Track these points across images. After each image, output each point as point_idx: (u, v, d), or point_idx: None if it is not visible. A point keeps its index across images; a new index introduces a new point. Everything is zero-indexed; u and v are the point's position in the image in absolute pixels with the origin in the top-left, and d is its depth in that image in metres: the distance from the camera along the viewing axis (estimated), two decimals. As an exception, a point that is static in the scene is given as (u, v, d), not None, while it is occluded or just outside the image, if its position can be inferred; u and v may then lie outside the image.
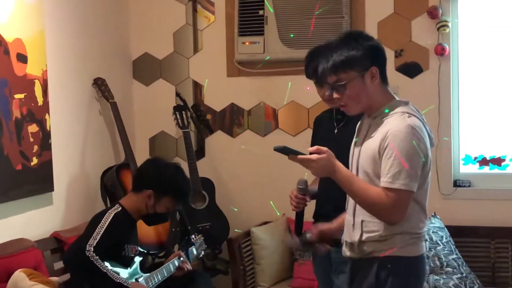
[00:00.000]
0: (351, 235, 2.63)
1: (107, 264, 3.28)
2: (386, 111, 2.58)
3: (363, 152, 2.61)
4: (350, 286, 2.69)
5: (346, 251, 2.67)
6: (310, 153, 2.53)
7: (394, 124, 2.52)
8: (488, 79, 4.56)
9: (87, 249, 3.22)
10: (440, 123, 4.48)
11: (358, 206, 2.60)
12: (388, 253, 2.53)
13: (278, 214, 4.56)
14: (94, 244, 3.25)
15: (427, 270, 2.66)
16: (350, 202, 2.65)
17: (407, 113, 2.55)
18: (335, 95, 2.61)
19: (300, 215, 2.94)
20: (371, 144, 2.56)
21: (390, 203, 2.47)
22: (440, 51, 4.44)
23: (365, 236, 2.57)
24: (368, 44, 2.59)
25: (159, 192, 3.52)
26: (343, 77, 2.56)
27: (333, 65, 2.57)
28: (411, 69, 4.58)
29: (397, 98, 2.64)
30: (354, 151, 2.68)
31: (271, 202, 4.51)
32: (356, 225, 2.61)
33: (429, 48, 4.51)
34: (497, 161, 4.54)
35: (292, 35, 4.68)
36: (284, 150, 2.52)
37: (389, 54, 4.56)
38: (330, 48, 2.61)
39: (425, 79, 4.55)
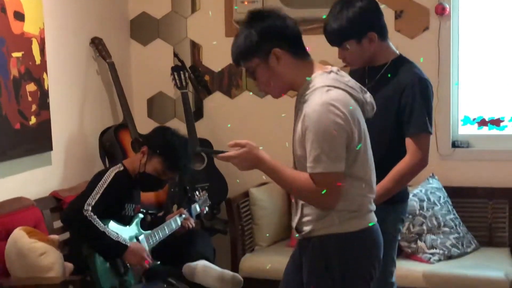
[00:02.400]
0: (293, 218, 2.59)
1: (106, 223, 3.28)
2: (307, 89, 2.46)
3: (295, 135, 2.53)
4: (300, 268, 2.61)
5: (295, 234, 2.63)
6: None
7: (310, 104, 2.41)
8: (488, 39, 4.53)
9: (85, 208, 3.22)
10: (439, 83, 4.46)
11: None
12: (326, 231, 2.48)
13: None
14: (93, 203, 3.25)
15: (377, 241, 2.54)
16: None
17: (327, 86, 2.42)
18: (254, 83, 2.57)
19: None
20: (297, 126, 2.48)
21: (317, 189, 2.40)
22: (441, 10, 4.41)
23: (304, 218, 2.53)
24: (263, 27, 2.46)
25: (152, 149, 3.50)
26: (248, 66, 2.50)
27: (235, 59, 2.52)
28: (411, 29, 4.55)
29: (325, 68, 2.51)
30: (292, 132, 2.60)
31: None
32: (297, 207, 2.56)
33: (430, 8, 4.48)
34: (496, 122, 4.54)
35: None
36: (205, 151, 2.52)
37: (389, 15, 4.55)
38: (235, 36, 2.53)
39: (425, 39, 4.52)
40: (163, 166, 3.48)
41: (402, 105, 2.98)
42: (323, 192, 2.40)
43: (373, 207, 2.56)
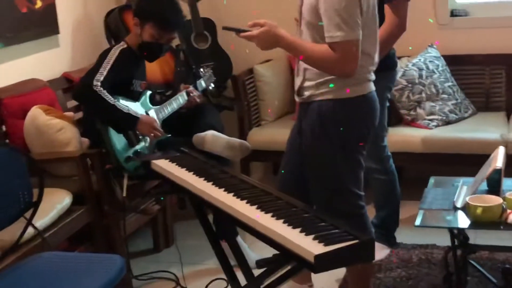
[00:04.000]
0: (296, 81, 2.74)
1: (116, 99, 3.41)
2: None
3: (304, 4, 2.62)
4: (299, 131, 2.78)
5: (295, 97, 2.77)
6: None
7: None
8: None
9: (94, 83, 3.31)
10: (438, -47, 4.50)
11: None
12: (325, 96, 2.62)
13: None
14: (101, 79, 3.34)
15: (373, 107, 2.69)
16: None
17: None
18: None
19: None
20: None
21: (338, 57, 2.51)
22: None
23: (305, 82, 2.67)
24: None
25: (142, 18, 3.53)
26: None
27: None
28: None
29: None
30: (300, 3, 2.68)
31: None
32: (300, 72, 2.70)
33: None
34: (495, -11, 4.61)
35: None
36: (229, 29, 2.64)
37: None
38: None
39: None
40: (156, 28, 3.52)
41: None
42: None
43: (373, 77, 2.69)
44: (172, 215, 4.03)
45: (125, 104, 3.42)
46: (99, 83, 3.31)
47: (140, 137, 3.49)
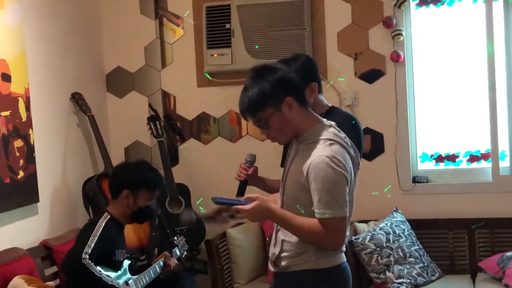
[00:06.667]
0: (272, 250, 2.84)
1: (100, 269, 3.50)
2: (309, 137, 2.71)
3: (288, 177, 2.78)
4: None
5: (270, 265, 2.87)
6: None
7: (316, 156, 2.65)
8: (440, 82, 4.91)
9: (83, 257, 3.43)
10: (398, 124, 4.83)
11: None
12: (302, 267, 2.73)
13: None
14: (89, 252, 3.46)
15: (347, 276, 2.81)
16: None
17: (329, 140, 2.68)
18: (261, 132, 2.79)
19: (242, 184, 3.17)
20: (296, 171, 2.72)
21: (326, 233, 2.64)
22: (396, 57, 4.78)
23: (283, 253, 2.77)
24: (275, 78, 2.69)
25: (133, 189, 3.75)
26: (262, 116, 2.69)
27: (246, 110, 2.70)
28: (369, 75, 4.91)
29: (323, 121, 2.77)
30: (283, 174, 2.85)
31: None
32: (277, 242, 2.81)
33: (386, 55, 4.84)
34: (452, 158, 4.90)
35: (257, 47, 4.96)
36: (221, 203, 2.74)
37: (349, 62, 4.92)
38: (244, 90, 2.72)
39: (382, 84, 4.88)
40: (149, 192, 3.79)
41: None
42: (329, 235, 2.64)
43: (344, 248, 2.83)
44: None
45: (108, 275, 3.51)
46: (87, 256, 3.43)
47: (120, 307, 3.55)
